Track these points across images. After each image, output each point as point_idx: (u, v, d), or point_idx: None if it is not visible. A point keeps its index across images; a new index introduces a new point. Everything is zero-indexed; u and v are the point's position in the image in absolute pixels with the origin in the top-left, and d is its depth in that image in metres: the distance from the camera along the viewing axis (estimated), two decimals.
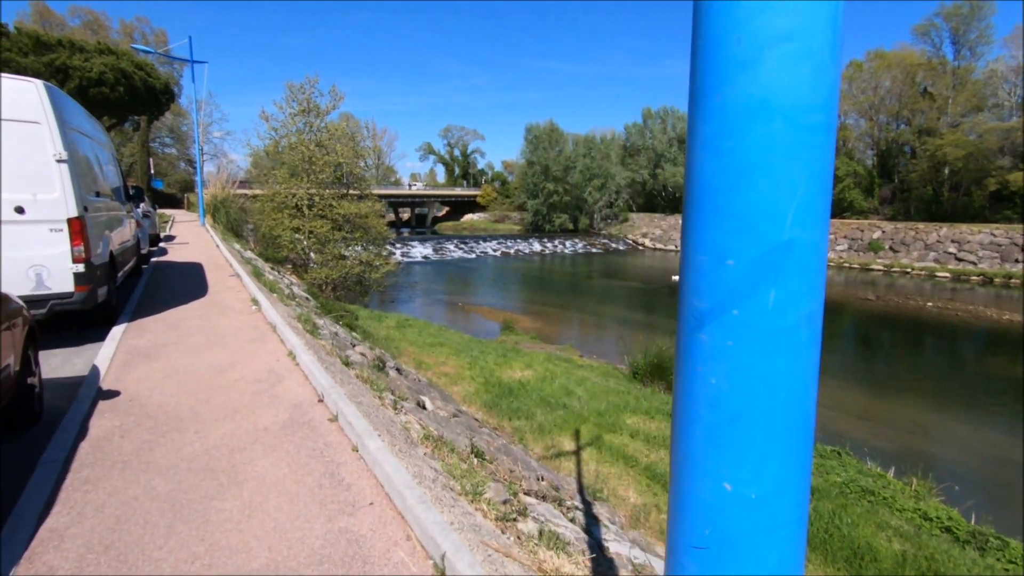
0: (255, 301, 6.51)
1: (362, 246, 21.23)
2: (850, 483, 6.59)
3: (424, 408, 4.02)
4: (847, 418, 10.89)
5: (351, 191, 21.68)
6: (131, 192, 8.08)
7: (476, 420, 6.07)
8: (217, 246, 12.51)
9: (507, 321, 17.56)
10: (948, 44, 41.73)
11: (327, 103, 20.39)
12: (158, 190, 40.98)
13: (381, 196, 26.55)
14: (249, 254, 14.46)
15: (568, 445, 7.17)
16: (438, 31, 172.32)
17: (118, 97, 26.90)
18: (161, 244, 14.02)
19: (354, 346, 6.48)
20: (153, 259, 11.17)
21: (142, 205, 12.63)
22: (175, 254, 12.34)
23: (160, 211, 25.78)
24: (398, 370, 6.44)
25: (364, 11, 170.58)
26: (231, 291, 7.91)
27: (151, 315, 6.46)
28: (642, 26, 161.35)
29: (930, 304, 24.01)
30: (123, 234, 6.88)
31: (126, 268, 7.42)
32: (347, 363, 4.09)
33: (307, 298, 12.08)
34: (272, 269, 14.36)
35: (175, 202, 37.57)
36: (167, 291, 8.03)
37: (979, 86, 39.15)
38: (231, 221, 19.65)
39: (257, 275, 8.87)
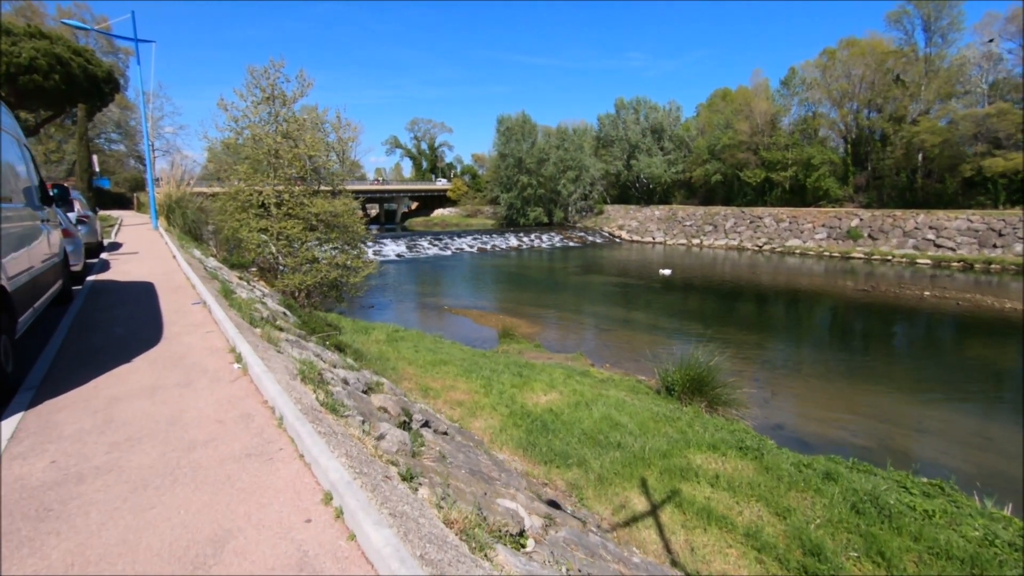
0: (237, 356, 4.25)
1: (338, 248, 19.31)
2: (993, 539, 5.32)
3: (523, 540, 2.49)
4: (908, 433, 9.78)
5: (323, 187, 19.69)
6: (53, 194, 5.93)
7: (556, 498, 4.52)
8: (174, 256, 10.27)
9: (505, 328, 16.03)
10: (920, 31, 41.90)
11: (294, 90, 18.28)
12: (104, 189, 37.76)
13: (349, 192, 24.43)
14: (212, 262, 12.48)
15: (638, 502, 5.71)
16: (402, 23, 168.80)
17: (53, 86, 24.03)
18: (103, 256, 11.50)
19: (367, 392, 4.87)
20: (91, 277, 8.67)
21: (77, 208, 10.57)
22: (120, 268, 9.84)
23: (105, 213, 23.18)
24: (427, 424, 4.83)
25: (326, 2, 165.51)
26: (197, 330, 5.54)
27: (70, 388, 3.99)
28: (604, 20, 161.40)
29: (928, 293, 23.54)
30: (34, 254, 4.63)
31: (39, 303, 5.07)
32: (410, 477, 2.45)
33: (285, 313, 10.30)
34: (240, 279, 12.45)
35: (124, 202, 34.53)
36: (102, 335, 5.53)
37: (952, 73, 39.32)
38: (188, 223, 17.44)
39: (227, 294, 7.05)
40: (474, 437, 6.41)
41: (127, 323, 6.06)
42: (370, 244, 20.84)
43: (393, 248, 42.57)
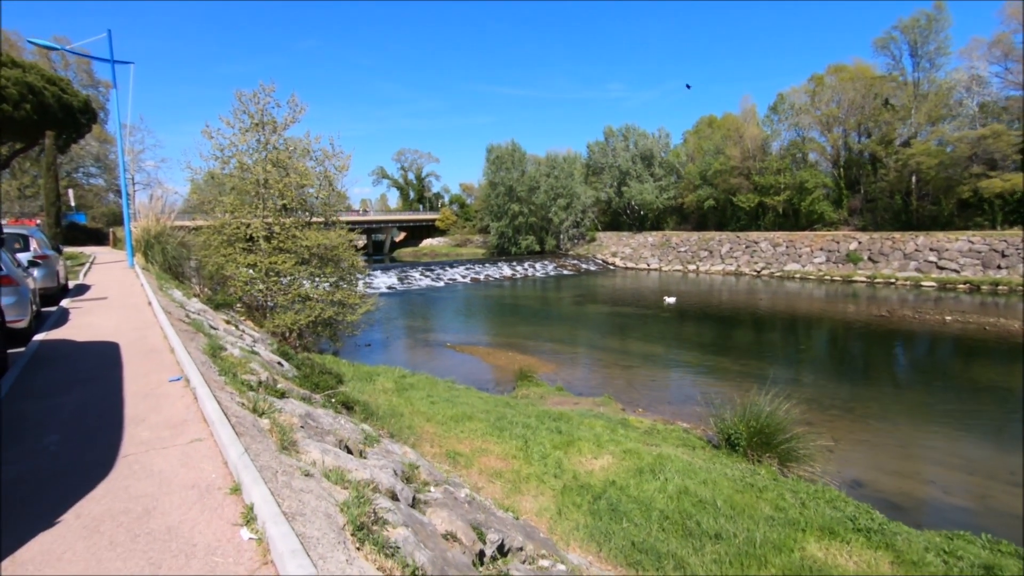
0: (247, 513, 2.47)
1: (331, 283, 17.86)
2: None
3: None
4: (1008, 489, 8.48)
5: (315, 218, 18.33)
6: None
7: None
8: (149, 302, 8.59)
9: (521, 369, 14.59)
10: (907, 57, 42.30)
11: (285, 115, 17.08)
12: (80, 225, 35.96)
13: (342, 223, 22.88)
14: (196, 304, 10.97)
15: None
16: (385, 58, 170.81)
17: (24, 116, 22.57)
18: (64, 303, 9.32)
19: (416, 502, 3.45)
20: (39, 335, 6.64)
21: (34, 246, 9.05)
22: (81, 321, 7.82)
23: (77, 251, 21.53)
24: (502, 547, 3.43)
25: (308, 39, 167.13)
26: (176, 437, 3.58)
27: None
28: (584, 54, 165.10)
29: (950, 318, 22.62)
30: None
31: None
32: None
33: (280, 362, 8.86)
34: (228, 323, 10.95)
35: (101, 238, 32.72)
36: (24, 450, 3.56)
37: (942, 96, 39.54)
38: (168, 260, 15.92)
39: (214, 352, 5.61)
40: (539, 535, 4.96)
41: (69, 423, 4.03)
42: (359, 276, 19.50)
43: (384, 280, 41.06)
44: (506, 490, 6.53)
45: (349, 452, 4.24)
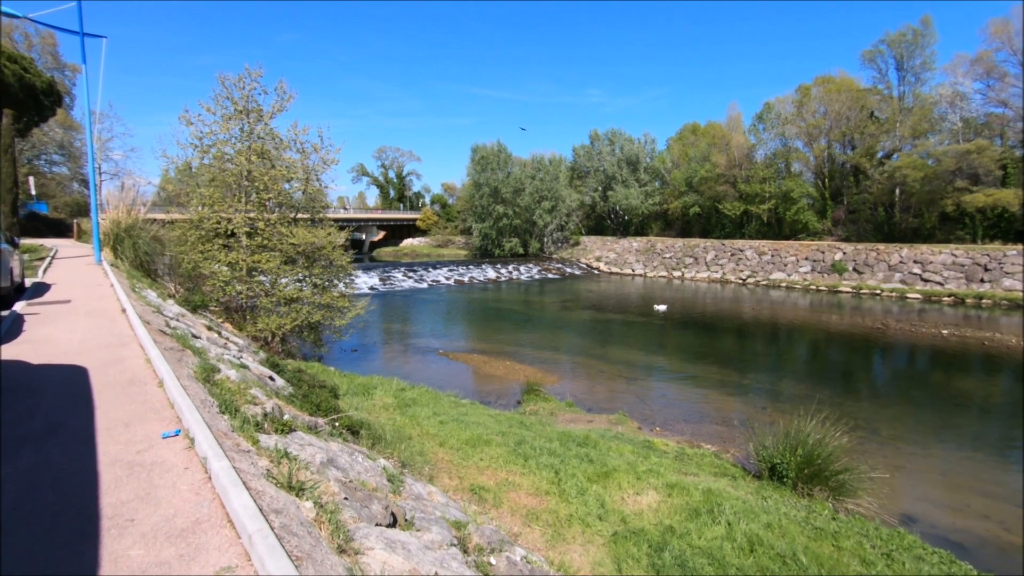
0: None
1: (316, 283, 16.70)
2: None
3: None
4: None
5: (300, 214, 17.16)
6: None
7: None
8: (123, 309, 7.24)
9: (528, 382, 13.69)
10: (893, 70, 42.82)
11: (272, 103, 15.87)
12: (40, 215, 33.81)
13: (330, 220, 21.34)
14: (172, 307, 9.76)
15: None
16: (365, 55, 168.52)
17: None
18: (17, 306, 7.74)
19: None
20: None
21: None
22: (39, 333, 6.24)
23: (37, 243, 19.82)
24: None
25: (288, 32, 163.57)
26: (183, 558, 2.21)
27: None
28: (563, 58, 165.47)
29: (945, 332, 22.50)
30: None
31: None
32: None
33: (272, 377, 7.82)
34: (210, 329, 9.78)
35: (63, 230, 30.68)
36: None
37: (927, 111, 40.02)
38: (140, 256, 14.56)
39: (207, 378, 4.56)
40: None
41: (12, 525, 2.53)
42: (350, 276, 18.42)
43: (366, 280, 39.65)
44: (547, 537, 5.60)
45: (395, 521, 3.27)
